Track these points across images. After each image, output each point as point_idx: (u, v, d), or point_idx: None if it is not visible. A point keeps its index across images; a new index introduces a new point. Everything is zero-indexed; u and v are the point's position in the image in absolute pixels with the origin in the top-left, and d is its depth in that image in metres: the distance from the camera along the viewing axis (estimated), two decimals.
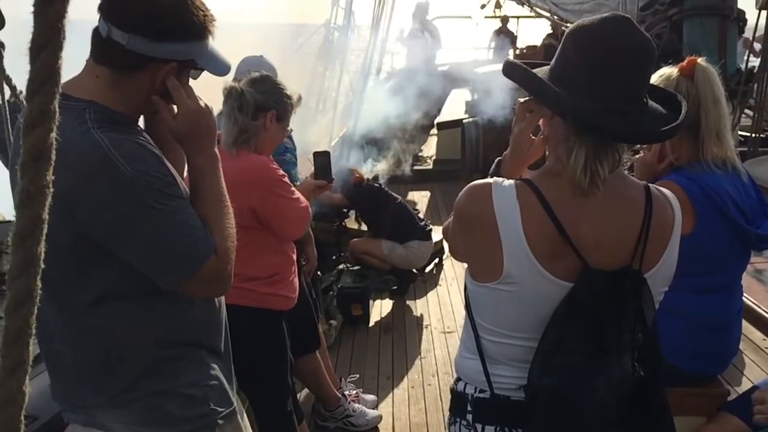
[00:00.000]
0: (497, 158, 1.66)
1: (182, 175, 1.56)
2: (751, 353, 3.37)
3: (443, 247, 5.76)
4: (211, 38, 1.48)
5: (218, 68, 1.53)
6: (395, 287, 5.34)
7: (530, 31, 13.36)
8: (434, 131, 10.25)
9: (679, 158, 2.14)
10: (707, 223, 2.06)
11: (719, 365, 2.37)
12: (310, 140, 5.23)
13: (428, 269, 5.80)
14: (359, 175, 5.26)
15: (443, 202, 8.13)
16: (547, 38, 11.01)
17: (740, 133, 4.78)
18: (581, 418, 1.38)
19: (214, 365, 1.61)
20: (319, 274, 4.01)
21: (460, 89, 10.34)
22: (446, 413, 1.64)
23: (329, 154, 2.94)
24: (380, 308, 5.13)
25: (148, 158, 1.38)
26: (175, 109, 1.50)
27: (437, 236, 5.42)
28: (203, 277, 1.42)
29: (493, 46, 13.79)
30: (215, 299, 1.62)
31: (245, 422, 1.75)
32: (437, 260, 5.91)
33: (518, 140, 1.58)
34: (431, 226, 5.44)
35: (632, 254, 1.40)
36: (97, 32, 1.41)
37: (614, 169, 1.37)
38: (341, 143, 7.11)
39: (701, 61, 2.07)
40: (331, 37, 9.15)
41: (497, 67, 1.93)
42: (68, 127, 1.29)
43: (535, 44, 11.77)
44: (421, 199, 8.45)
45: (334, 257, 5.43)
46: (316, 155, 2.91)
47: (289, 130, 2.78)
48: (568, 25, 6.70)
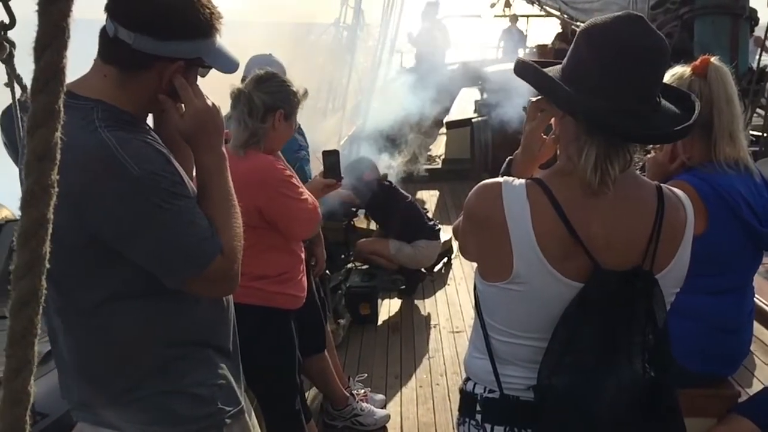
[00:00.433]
0: (508, 157, 1.65)
1: (191, 174, 1.56)
2: (762, 354, 3.34)
3: (452, 246, 5.75)
4: (218, 36, 1.47)
5: (226, 66, 1.52)
6: (403, 287, 5.33)
7: (540, 30, 13.32)
8: (443, 130, 10.22)
9: (691, 158, 2.12)
10: (719, 223, 2.04)
11: (730, 366, 2.35)
12: (319, 139, 5.21)
13: (437, 269, 5.77)
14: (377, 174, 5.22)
15: (452, 201, 8.12)
16: (556, 41, 10.96)
17: (752, 132, 4.74)
18: (591, 418, 1.37)
19: (221, 364, 1.60)
20: (327, 273, 4.00)
21: (469, 88, 10.31)
22: (455, 413, 1.63)
23: (338, 152, 2.93)
24: (389, 307, 5.13)
25: (155, 157, 1.38)
26: (182, 108, 1.49)
27: (446, 236, 5.41)
28: (209, 276, 1.42)
29: (502, 45, 13.76)
30: (223, 298, 1.62)
31: (253, 421, 1.75)
32: (446, 259, 5.88)
33: (529, 139, 1.57)
34: (440, 225, 5.42)
35: (643, 255, 1.38)
36: (104, 32, 1.41)
37: (625, 168, 1.36)
38: (350, 142, 7.10)
39: (714, 60, 2.05)
40: (340, 36, 9.14)
41: (507, 66, 1.92)
42: (75, 126, 1.29)
43: (545, 43, 11.72)
44: (430, 198, 8.43)
45: (342, 256, 5.42)
46: (325, 154, 2.90)
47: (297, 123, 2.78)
48: (578, 23, 6.68)
